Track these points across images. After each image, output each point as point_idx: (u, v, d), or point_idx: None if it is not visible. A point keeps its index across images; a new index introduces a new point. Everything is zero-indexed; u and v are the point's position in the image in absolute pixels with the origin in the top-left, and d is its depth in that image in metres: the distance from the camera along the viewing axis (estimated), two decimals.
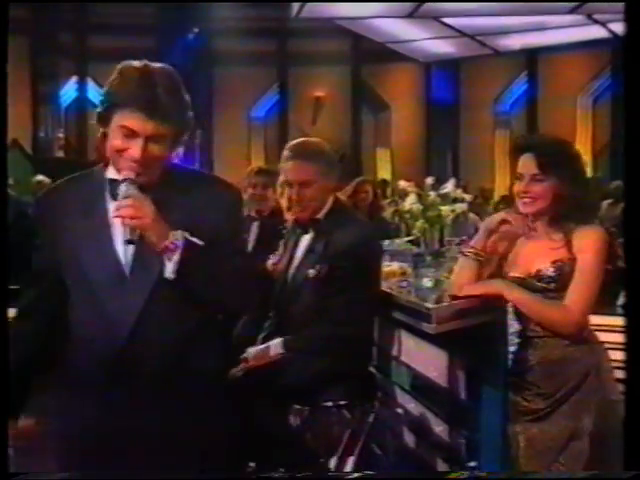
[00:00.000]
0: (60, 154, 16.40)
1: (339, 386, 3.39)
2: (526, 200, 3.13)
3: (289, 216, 3.61)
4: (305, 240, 3.52)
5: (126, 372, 2.39)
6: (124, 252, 2.40)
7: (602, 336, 3.80)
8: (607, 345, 3.59)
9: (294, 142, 3.62)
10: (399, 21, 14.75)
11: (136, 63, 2.47)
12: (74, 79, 18.14)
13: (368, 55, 18.26)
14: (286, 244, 3.64)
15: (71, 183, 2.62)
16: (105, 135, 2.43)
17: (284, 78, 19.25)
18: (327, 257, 3.39)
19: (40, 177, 12.21)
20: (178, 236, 2.30)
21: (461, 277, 3.29)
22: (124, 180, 2.34)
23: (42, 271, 2.55)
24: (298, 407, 3.40)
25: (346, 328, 3.35)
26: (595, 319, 5.68)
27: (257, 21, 17.82)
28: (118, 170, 2.40)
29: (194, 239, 2.33)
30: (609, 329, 6.82)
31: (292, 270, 3.55)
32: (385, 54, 17.02)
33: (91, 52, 18.07)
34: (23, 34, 15.05)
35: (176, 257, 2.29)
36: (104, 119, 2.43)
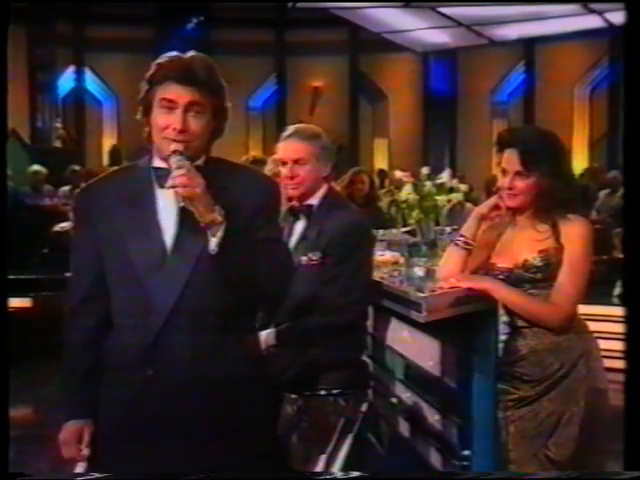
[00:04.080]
0: (58, 144, 16.37)
1: (332, 375, 3.41)
2: (510, 195, 3.16)
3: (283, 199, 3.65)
4: (298, 228, 3.54)
5: (163, 352, 2.49)
6: (167, 236, 2.52)
7: (597, 325, 3.83)
8: (603, 335, 3.62)
9: (291, 126, 3.68)
10: (395, 11, 14.72)
11: (172, 52, 2.58)
12: (72, 69, 18.12)
13: (366, 45, 18.22)
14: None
15: (115, 175, 2.78)
16: (150, 134, 2.55)
17: (282, 68, 19.24)
18: (319, 245, 3.41)
19: (37, 167, 12.22)
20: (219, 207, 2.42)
21: (448, 266, 3.32)
22: (174, 152, 2.45)
23: (89, 261, 2.61)
24: (293, 396, 3.44)
25: (338, 317, 3.37)
26: (590, 309, 5.72)
27: (255, 11, 17.82)
28: (163, 157, 2.51)
29: None
30: (605, 319, 6.88)
31: None
32: (383, 44, 16.98)
33: (89, 42, 18.06)
34: (20, 24, 15.01)
35: (220, 232, 2.41)
36: (146, 105, 2.54)
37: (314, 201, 3.54)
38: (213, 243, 2.42)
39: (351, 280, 3.40)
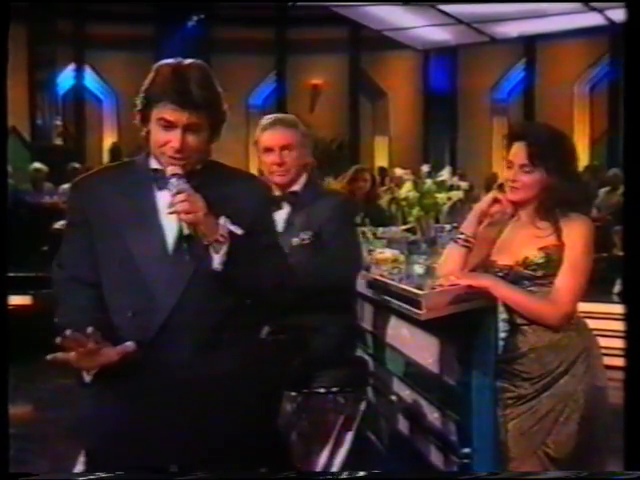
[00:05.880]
0: (58, 141, 16.38)
1: (331, 373, 3.42)
2: (513, 188, 3.16)
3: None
4: (280, 215, 3.56)
5: (163, 346, 2.49)
6: (169, 234, 2.53)
7: (597, 323, 3.83)
8: (603, 332, 3.61)
9: (269, 116, 3.73)
10: (396, 8, 14.71)
11: (170, 61, 2.56)
12: (72, 67, 18.10)
13: (366, 43, 18.21)
14: None
15: (112, 170, 2.79)
16: (148, 133, 2.55)
17: (282, 66, 19.22)
18: (311, 225, 3.45)
19: (37, 165, 12.22)
20: (222, 223, 2.43)
21: (448, 264, 3.31)
22: (173, 175, 2.46)
23: (82, 254, 2.60)
24: (292, 394, 3.44)
25: (326, 281, 3.43)
26: (590, 306, 5.72)
27: (255, 9, 17.81)
28: (162, 166, 2.53)
29: (234, 227, 2.45)
30: (604, 316, 6.88)
31: None
32: (383, 42, 16.97)
33: (89, 39, 18.04)
34: (21, 21, 15.01)
35: (223, 250, 2.43)
36: (144, 117, 2.55)
37: (297, 187, 3.59)
38: (216, 261, 2.43)
39: (342, 251, 3.51)
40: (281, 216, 3.56)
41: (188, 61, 2.54)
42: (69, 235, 2.68)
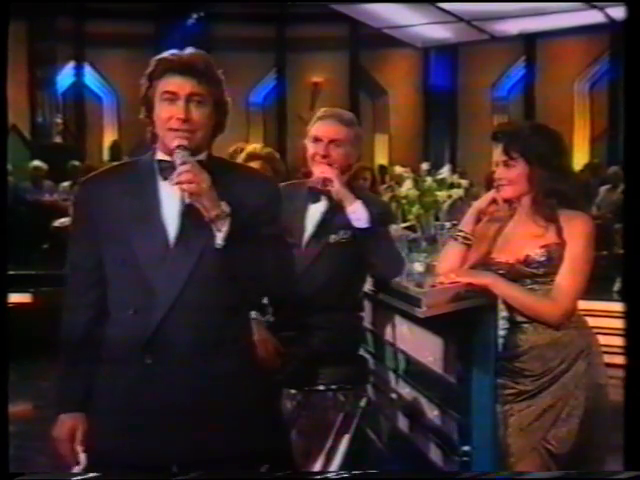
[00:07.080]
0: (58, 139, 16.39)
1: (331, 370, 3.41)
2: (501, 186, 3.17)
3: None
4: (317, 208, 3.54)
5: (163, 344, 2.49)
6: (171, 229, 2.52)
7: (597, 321, 3.83)
8: (603, 330, 3.61)
9: (327, 108, 3.79)
10: (396, 6, 14.72)
11: (170, 51, 2.60)
12: (72, 64, 18.10)
13: (366, 41, 18.20)
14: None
15: (117, 168, 2.80)
16: (151, 125, 2.56)
17: (282, 64, 19.21)
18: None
19: (37, 163, 12.23)
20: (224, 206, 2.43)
21: (448, 262, 3.32)
22: (178, 147, 2.46)
23: (87, 252, 2.61)
24: (292, 392, 3.44)
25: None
26: (590, 304, 5.71)
27: (255, 6, 17.80)
28: (167, 151, 2.53)
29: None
30: (604, 314, 6.88)
31: (304, 240, 3.58)
32: (383, 40, 16.96)
33: (89, 37, 18.04)
34: (21, 19, 15.01)
35: (226, 227, 2.41)
36: (149, 104, 2.56)
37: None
38: (219, 237, 2.42)
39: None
40: (318, 209, 3.55)
41: (189, 50, 2.57)
42: (75, 235, 2.68)
